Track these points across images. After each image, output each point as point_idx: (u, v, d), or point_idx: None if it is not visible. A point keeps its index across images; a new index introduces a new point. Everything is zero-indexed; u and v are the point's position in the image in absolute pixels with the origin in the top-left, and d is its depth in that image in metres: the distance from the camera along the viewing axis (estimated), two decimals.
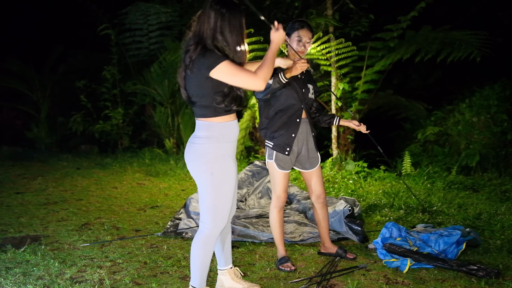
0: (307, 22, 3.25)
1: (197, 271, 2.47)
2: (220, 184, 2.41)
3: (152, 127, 10.06)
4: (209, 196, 2.41)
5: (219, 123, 2.41)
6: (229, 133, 2.44)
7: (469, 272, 2.94)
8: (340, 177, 6.15)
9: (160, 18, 10.15)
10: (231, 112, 2.45)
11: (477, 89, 7.32)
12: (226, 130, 2.43)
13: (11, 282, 2.95)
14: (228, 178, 2.43)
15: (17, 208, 5.07)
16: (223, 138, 2.42)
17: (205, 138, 2.40)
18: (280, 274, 3.09)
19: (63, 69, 11.32)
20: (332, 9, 6.93)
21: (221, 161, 2.41)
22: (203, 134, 2.41)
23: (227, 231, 2.73)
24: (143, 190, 6.07)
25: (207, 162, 2.39)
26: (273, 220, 3.25)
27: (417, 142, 7.39)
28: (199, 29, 2.37)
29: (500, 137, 6.62)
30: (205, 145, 2.39)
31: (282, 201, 3.23)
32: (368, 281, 2.93)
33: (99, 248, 3.67)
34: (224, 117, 2.42)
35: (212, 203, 2.41)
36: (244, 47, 2.41)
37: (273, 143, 3.17)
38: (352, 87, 6.88)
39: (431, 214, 4.45)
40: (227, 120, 2.43)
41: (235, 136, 2.49)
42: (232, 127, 2.45)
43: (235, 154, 2.55)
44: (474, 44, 5.96)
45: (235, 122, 2.48)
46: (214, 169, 2.39)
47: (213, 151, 2.40)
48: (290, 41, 3.19)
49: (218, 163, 2.40)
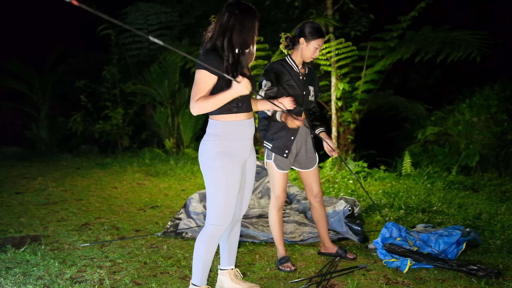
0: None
1: (199, 268, 2.50)
2: (221, 181, 2.44)
3: (152, 127, 10.06)
4: (211, 193, 2.47)
5: (222, 122, 2.47)
6: (232, 132, 2.48)
7: (469, 272, 2.94)
8: (340, 177, 6.15)
9: (160, 18, 10.15)
10: (235, 112, 2.48)
11: (477, 89, 7.32)
12: (228, 128, 2.47)
13: (11, 282, 2.95)
14: (229, 176, 2.45)
15: (17, 208, 5.07)
16: (226, 136, 2.47)
17: (209, 135, 2.49)
18: (280, 274, 3.09)
19: (63, 69, 11.33)
20: (332, 9, 6.92)
21: (221, 159, 2.45)
22: (208, 131, 2.52)
23: (234, 231, 2.73)
24: (143, 190, 6.07)
25: (208, 158, 2.46)
26: (272, 220, 3.25)
27: (417, 142, 7.39)
28: (213, 28, 2.49)
29: (500, 137, 6.62)
30: (208, 142, 2.48)
31: (281, 201, 3.23)
32: (368, 281, 2.93)
33: (99, 248, 3.67)
34: (228, 115, 2.47)
35: (214, 200, 2.46)
36: (251, 50, 2.48)
37: (272, 145, 3.17)
38: (352, 87, 6.88)
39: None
40: (231, 120, 2.48)
41: (243, 135, 2.52)
42: (236, 126, 2.49)
43: (246, 153, 2.56)
44: (474, 44, 5.96)
45: (242, 122, 2.51)
46: (214, 166, 2.44)
47: (214, 148, 2.46)
48: (307, 44, 3.14)
49: (218, 160, 2.44)
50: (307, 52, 3.15)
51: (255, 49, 2.53)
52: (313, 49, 3.14)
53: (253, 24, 2.46)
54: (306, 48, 3.15)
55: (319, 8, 7.21)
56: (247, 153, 2.58)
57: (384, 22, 6.90)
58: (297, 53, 3.19)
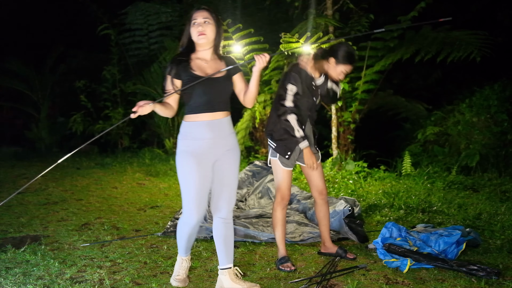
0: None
1: (179, 243, 2.89)
2: (181, 177, 2.69)
3: (152, 127, 10.05)
4: (180, 185, 2.73)
5: (185, 122, 2.71)
6: (194, 132, 2.66)
7: (469, 272, 2.94)
8: (340, 177, 6.15)
9: (160, 18, 10.15)
10: (197, 112, 2.65)
11: (477, 89, 7.31)
12: (189, 128, 2.68)
13: (11, 282, 2.95)
14: (187, 173, 2.65)
15: (17, 208, 5.08)
16: (187, 135, 2.68)
17: (179, 134, 2.74)
18: (280, 274, 3.09)
19: (63, 69, 11.31)
20: (332, 9, 6.92)
21: (181, 156, 2.68)
22: (179, 131, 2.76)
23: (221, 229, 2.77)
24: (143, 190, 6.07)
25: (176, 155, 2.73)
26: (276, 219, 3.25)
27: (417, 142, 7.39)
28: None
29: (500, 137, 6.62)
30: (178, 141, 2.74)
31: (287, 199, 3.24)
32: (368, 281, 2.93)
33: (99, 248, 3.67)
34: (190, 116, 2.68)
35: (181, 192, 2.72)
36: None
37: (276, 145, 3.18)
38: (352, 87, 6.88)
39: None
40: (192, 120, 2.67)
41: (206, 135, 2.66)
42: (195, 126, 2.66)
43: (211, 151, 2.68)
44: (474, 44, 5.95)
45: (202, 122, 2.65)
46: (178, 162, 2.70)
47: (179, 146, 2.71)
48: (335, 66, 3.11)
49: (179, 157, 2.69)
50: (333, 73, 3.14)
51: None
52: (339, 72, 3.13)
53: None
54: (333, 69, 3.13)
55: (319, 8, 7.21)
56: (213, 152, 2.69)
57: (384, 22, 6.90)
58: (320, 64, 3.15)
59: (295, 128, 3.09)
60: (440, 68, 9.02)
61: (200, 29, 2.63)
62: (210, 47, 2.71)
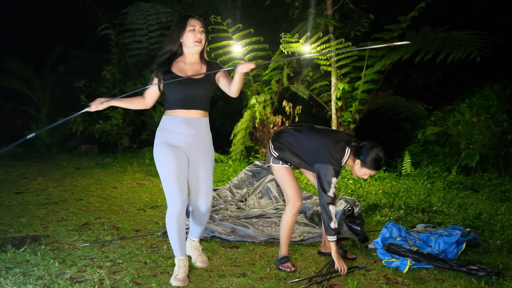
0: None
1: (172, 242, 2.98)
2: (159, 166, 2.86)
3: (152, 127, 10.05)
4: (161, 178, 2.89)
5: (164, 116, 2.93)
6: (171, 125, 2.88)
7: (469, 272, 2.94)
8: (340, 177, 6.15)
9: (160, 18, 10.14)
10: (174, 108, 2.87)
11: (477, 89, 7.31)
12: (167, 122, 2.89)
13: (11, 282, 2.95)
14: (164, 161, 2.83)
15: (17, 208, 5.08)
16: (165, 128, 2.89)
17: (158, 127, 2.94)
18: (280, 274, 3.09)
19: (63, 69, 11.30)
20: (332, 9, 6.93)
21: (158, 146, 2.88)
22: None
23: (205, 217, 3.09)
24: (143, 190, 6.07)
25: (154, 147, 2.91)
26: (285, 223, 3.22)
27: (417, 142, 7.38)
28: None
29: (500, 137, 6.62)
30: (156, 133, 2.93)
31: (298, 205, 3.19)
32: (368, 281, 2.93)
33: (99, 248, 3.67)
34: (169, 111, 2.90)
35: (162, 184, 2.88)
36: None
37: (278, 154, 3.18)
38: (352, 87, 6.88)
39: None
40: (170, 115, 2.89)
41: (180, 129, 2.86)
42: (173, 121, 2.87)
43: (185, 144, 2.89)
44: (474, 44, 5.96)
45: (178, 118, 2.87)
46: (155, 153, 2.89)
47: (156, 138, 2.91)
48: (360, 168, 3.05)
49: (156, 148, 2.89)
50: (357, 173, 3.11)
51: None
52: (363, 174, 3.09)
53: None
54: (358, 169, 3.09)
55: (319, 8, 7.22)
56: (187, 147, 2.89)
57: (384, 22, 6.90)
58: (349, 156, 3.09)
59: (333, 219, 3.04)
60: (440, 68, 9.02)
61: (198, 36, 2.87)
62: (197, 53, 2.95)
